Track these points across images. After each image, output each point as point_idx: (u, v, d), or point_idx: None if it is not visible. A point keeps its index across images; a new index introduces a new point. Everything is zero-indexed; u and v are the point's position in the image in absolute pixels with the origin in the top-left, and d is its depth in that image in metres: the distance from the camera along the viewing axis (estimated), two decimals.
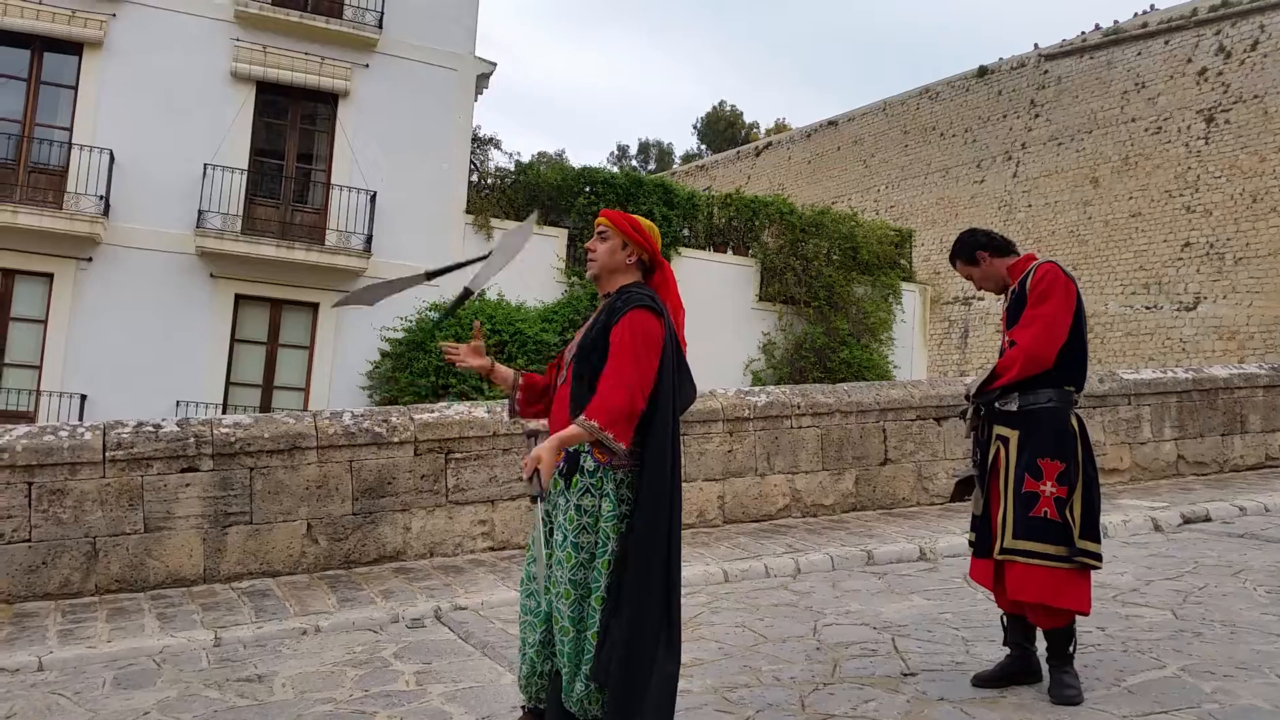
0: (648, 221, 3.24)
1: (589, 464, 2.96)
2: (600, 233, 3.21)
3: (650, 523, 2.93)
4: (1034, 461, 3.75)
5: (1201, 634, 4.46)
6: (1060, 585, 3.66)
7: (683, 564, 6.28)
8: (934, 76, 37.30)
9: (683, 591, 5.83)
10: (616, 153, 69.32)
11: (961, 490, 4.05)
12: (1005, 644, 3.94)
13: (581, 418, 2.88)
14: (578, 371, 3.06)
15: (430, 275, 3.49)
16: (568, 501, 2.97)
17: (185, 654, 5.02)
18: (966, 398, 4.04)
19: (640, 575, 2.89)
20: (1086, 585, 3.74)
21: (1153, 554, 6.37)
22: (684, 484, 7.58)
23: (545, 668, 3.08)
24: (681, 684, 4.09)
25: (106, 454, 6.22)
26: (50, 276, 15.02)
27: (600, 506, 2.94)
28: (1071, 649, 3.74)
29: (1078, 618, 3.83)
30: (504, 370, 3.36)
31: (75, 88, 15.49)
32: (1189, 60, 26.43)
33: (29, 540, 6.03)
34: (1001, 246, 4.05)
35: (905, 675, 4.09)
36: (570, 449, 2.98)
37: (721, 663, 4.41)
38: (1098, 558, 3.74)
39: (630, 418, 2.90)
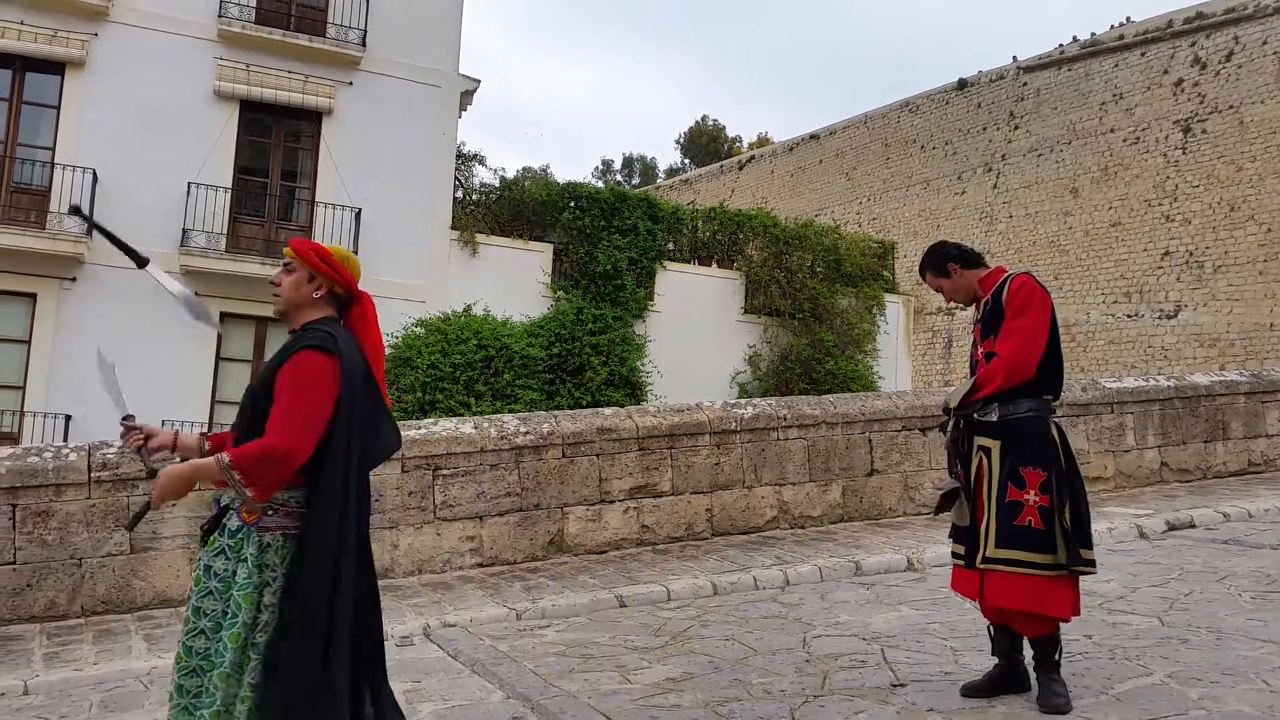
0: (342, 250, 2.98)
1: (233, 523, 2.69)
2: (285, 264, 2.92)
3: (310, 587, 2.62)
4: (1016, 470, 3.78)
5: (1188, 640, 4.49)
6: (1044, 592, 3.69)
7: (671, 577, 6.33)
8: (914, 90, 37.57)
9: (672, 605, 5.87)
10: (601, 167, 69.64)
11: (946, 502, 4.07)
12: (993, 654, 3.96)
13: (222, 454, 2.64)
14: (241, 418, 2.83)
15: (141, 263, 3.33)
16: (199, 561, 2.70)
17: None
18: (945, 410, 4.07)
19: (295, 643, 2.59)
20: (1069, 592, 3.76)
21: (1138, 561, 6.42)
22: (671, 498, 7.59)
23: None
24: (672, 698, 4.11)
25: (92, 475, 6.18)
26: (33, 296, 14.93)
27: (235, 572, 2.64)
28: (1058, 656, 3.76)
29: (1064, 626, 3.86)
30: (187, 439, 3.06)
31: (57, 107, 15.44)
32: (1165, 71, 26.73)
33: (13, 563, 5.99)
34: (972, 259, 4.10)
35: (894, 686, 4.10)
36: (222, 503, 2.75)
37: (711, 676, 4.41)
38: (1092, 563, 3.78)
39: (273, 465, 2.60)
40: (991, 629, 3.95)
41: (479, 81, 18.20)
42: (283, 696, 2.57)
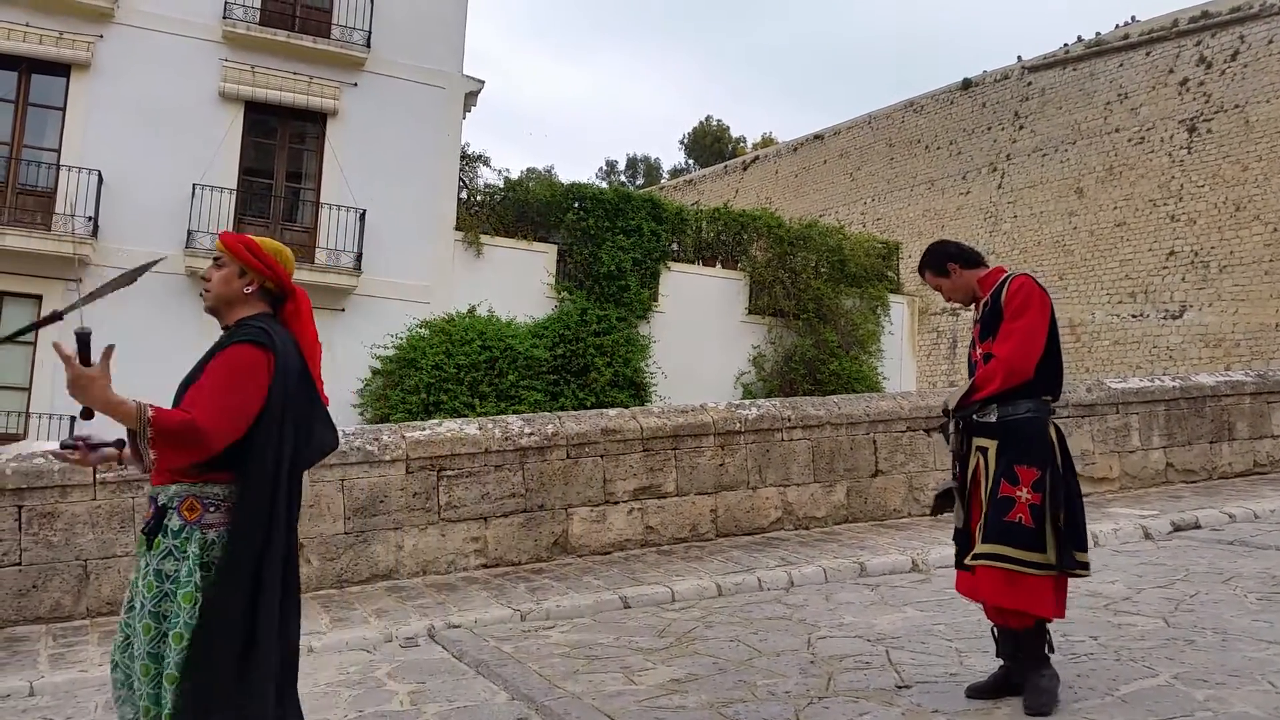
0: (274, 244, 2.88)
1: (174, 523, 2.59)
2: (215, 259, 2.85)
3: (232, 582, 2.54)
4: (1010, 467, 3.78)
5: (1193, 642, 4.48)
6: (1029, 591, 3.68)
7: (675, 579, 6.33)
8: (914, 90, 37.54)
9: (677, 606, 5.87)
10: (605, 168, 69.64)
11: (941, 503, 4.07)
12: (998, 655, 3.96)
13: (146, 405, 2.50)
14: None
15: (59, 315, 3.11)
16: (148, 565, 2.59)
17: None
18: (944, 412, 4.07)
19: (209, 638, 2.50)
20: (1054, 591, 3.76)
21: (1143, 562, 6.40)
22: (676, 499, 7.59)
23: None
24: (676, 699, 4.11)
25: (97, 476, 6.19)
26: (39, 298, 14.96)
27: (179, 571, 2.57)
28: (1048, 649, 3.76)
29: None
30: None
31: (63, 109, 15.46)
32: (1170, 71, 26.68)
33: (19, 564, 6.00)
34: (971, 258, 4.08)
35: (899, 687, 4.10)
36: (159, 502, 2.63)
37: (716, 677, 4.41)
38: (1086, 566, 3.78)
39: (184, 443, 2.48)
40: (995, 630, 3.95)
41: (483, 82, 18.21)
42: (194, 692, 2.49)
